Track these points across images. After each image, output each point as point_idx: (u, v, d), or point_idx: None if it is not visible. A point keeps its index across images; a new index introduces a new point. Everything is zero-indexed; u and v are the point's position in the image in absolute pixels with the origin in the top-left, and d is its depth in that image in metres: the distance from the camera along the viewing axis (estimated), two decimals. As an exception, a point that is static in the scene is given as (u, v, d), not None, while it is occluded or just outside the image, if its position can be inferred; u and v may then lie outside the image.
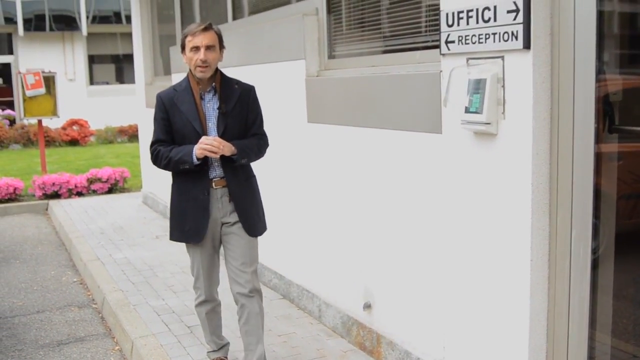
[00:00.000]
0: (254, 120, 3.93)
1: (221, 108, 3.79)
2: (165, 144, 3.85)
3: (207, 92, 3.83)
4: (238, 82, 3.95)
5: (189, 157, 3.70)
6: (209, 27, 3.78)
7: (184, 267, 6.48)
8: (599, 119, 2.82)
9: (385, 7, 4.32)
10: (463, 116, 3.12)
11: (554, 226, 2.95)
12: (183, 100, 3.80)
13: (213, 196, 3.83)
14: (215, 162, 3.81)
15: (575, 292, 2.93)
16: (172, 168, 3.83)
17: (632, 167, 3.09)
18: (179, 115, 3.79)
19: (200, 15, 7.82)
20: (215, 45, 3.78)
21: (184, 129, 3.79)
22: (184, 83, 3.88)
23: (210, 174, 3.82)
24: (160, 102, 3.86)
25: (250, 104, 3.91)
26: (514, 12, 2.86)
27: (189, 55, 3.76)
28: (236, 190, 3.86)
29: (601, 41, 2.79)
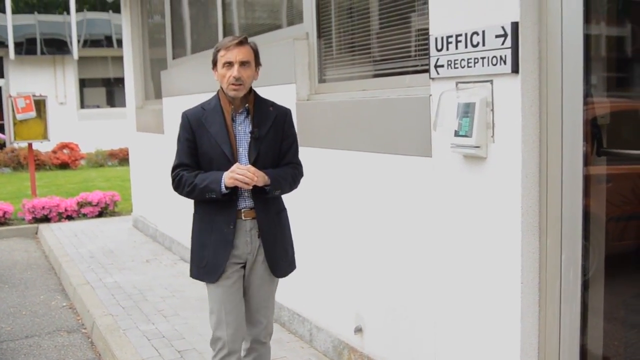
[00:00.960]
0: (289, 148, 3.57)
1: (254, 132, 3.42)
2: (189, 168, 3.48)
3: (240, 113, 3.46)
4: (273, 104, 3.59)
5: (217, 185, 3.33)
6: (245, 41, 3.42)
7: (174, 291, 6.45)
8: (587, 141, 2.84)
9: (375, 31, 4.36)
10: (453, 140, 3.14)
11: (544, 249, 2.96)
12: (212, 121, 3.43)
13: (240, 229, 3.45)
14: (245, 192, 3.43)
15: (566, 314, 2.93)
16: (196, 196, 3.46)
17: (620, 189, 3.11)
18: (207, 137, 3.43)
19: (191, 39, 7.86)
20: (251, 62, 3.42)
21: (212, 153, 3.42)
22: (213, 102, 3.50)
23: (239, 205, 3.45)
24: (187, 122, 3.49)
25: (286, 129, 3.54)
26: (502, 37, 2.89)
27: (221, 71, 3.40)
28: (265, 225, 3.48)
29: (588, 65, 2.82)
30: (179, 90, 7.60)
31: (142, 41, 9.86)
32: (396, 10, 4.09)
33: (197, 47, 7.61)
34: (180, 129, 3.53)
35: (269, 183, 3.39)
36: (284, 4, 5.70)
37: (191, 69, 7.31)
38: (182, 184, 3.50)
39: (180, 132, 3.53)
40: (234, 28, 6.56)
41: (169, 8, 8.37)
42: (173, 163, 3.55)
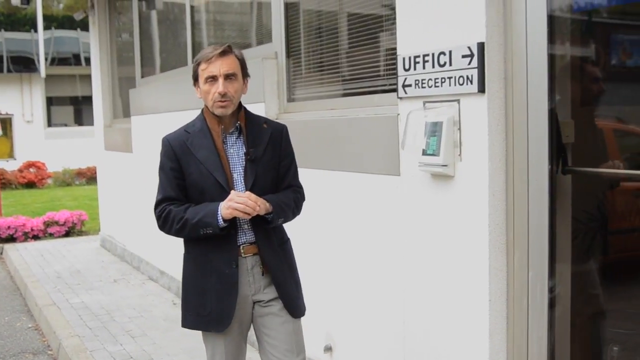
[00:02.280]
0: (288, 168, 3.17)
1: (249, 154, 3.02)
2: (176, 202, 3.01)
3: (231, 133, 3.05)
4: (267, 120, 3.23)
5: (213, 218, 2.89)
6: (229, 50, 2.99)
7: (142, 310, 6.39)
8: (552, 160, 2.89)
9: (344, 50, 4.39)
10: (420, 158, 3.17)
11: (511, 266, 2.99)
12: (199, 145, 3.00)
13: (242, 267, 3.02)
14: (245, 224, 3.02)
15: (534, 330, 2.96)
16: (188, 234, 2.99)
17: (586, 207, 3.16)
18: (195, 164, 2.99)
19: (161, 58, 7.85)
20: (237, 73, 3.00)
21: (203, 183, 2.98)
22: (198, 123, 3.09)
23: (239, 239, 3.02)
24: (169, 148, 3.05)
25: (283, 147, 3.15)
26: (469, 57, 2.93)
27: (204, 87, 2.99)
28: (271, 259, 3.05)
29: (553, 84, 2.87)
30: (148, 109, 7.56)
31: (110, 59, 9.82)
32: (365, 30, 4.13)
33: (167, 66, 7.59)
34: (161, 157, 3.08)
35: (270, 211, 2.97)
36: (253, 23, 5.72)
37: (160, 87, 7.29)
38: (169, 221, 2.99)
39: (162, 161, 3.08)
40: (203, 47, 6.56)
41: (137, 26, 8.35)
42: (156, 198, 3.07)
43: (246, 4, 6.00)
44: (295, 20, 4.85)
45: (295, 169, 3.23)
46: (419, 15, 3.24)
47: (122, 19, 9.55)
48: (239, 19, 6.21)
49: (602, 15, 2.97)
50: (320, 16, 4.71)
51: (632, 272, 3.21)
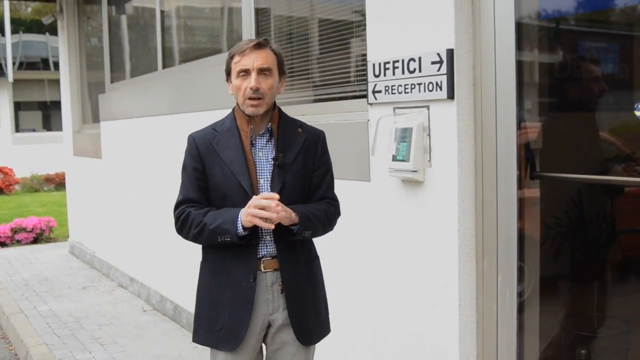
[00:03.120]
0: (322, 179, 2.88)
1: (278, 159, 2.76)
2: (196, 205, 2.79)
3: (260, 135, 2.80)
4: (303, 124, 2.92)
5: (232, 225, 2.65)
6: (264, 44, 2.77)
7: (112, 318, 6.32)
8: (521, 165, 2.92)
9: (315, 57, 4.39)
10: (390, 164, 3.18)
11: (480, 271, 3.01)
12: (226, 145, 2.77)
13: (261, 283, 2.77)
14: (267, 235, 2.77)
15: (503, 334, 2.98)
16: (205, 240, 2.77)
17: (554, 212, 3.19)
18: (220, 165, 2.76)
19: (131, 63, 7.79)
20: (273, 69, 2.76)
21: (226, 186, 2.75)
22: (227, 122, 2.86)
23: (260, 251, 2.77)
24: (194, 146, 2.82)
25: (318, 155, 2.86)
26: (438, 64, 2.95)
27: (235, 82, 2.77)
28: (291, 278, 2.78)
29: (521, 90, 2.90)
30: (117, 115, 7.51)
31: (79, 64, 9.72)
32: (335, 36, 4.14)
33: (137, 71, 7.54)
34: (185, 155, 2.87)
35: (296, 221, 2.69)
36: (224, 29, 5.71)
37: (130, 93, 7.24)
38: (188, 224, 2.78)
39: (185, 160, 2.86)
40: (173, 52, 6.53)
41: (107, 31, 8.28)
42: (177, 199, 2.86)
43: (217, 9, 5.98)
44: (266, 26, 4.85)
45: (331, 180, 2.93)
46: (388, 22, 3.25)
47: (91, 23, 9.47)
48: (210, 24, 6.19)
49: (570, 22, 3.01)
50: (291, 22, 4.72)
51: (600, 277, 3.25)
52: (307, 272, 2.87)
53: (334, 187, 2.95)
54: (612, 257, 3.26)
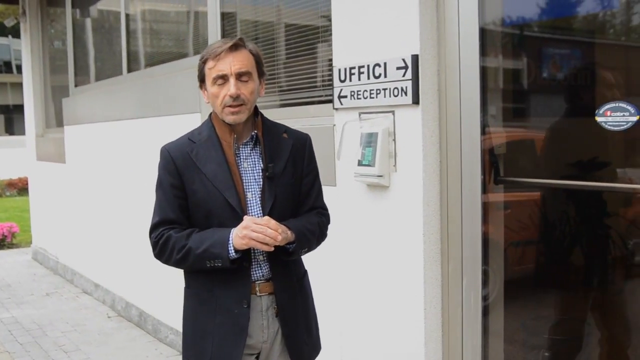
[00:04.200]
0: (311, 187, 2.64)
1: (267, 169, 2.49)
2: (176, 226, 2.48)
3: (244, 144, 2.53)
4: (287, 128, 2.66)
5: (223, 248, 2.37)
6: (240, 44, 2.47)
7: (76, 324, 6.25)
8: (485, 170, 2.94)
9: (281, 61, 4.39)
10: (356, 169, 3.19)
11: (445, 275, 3.03)
12: (206, 158, 2.47)
13: (255, 308, 2.50)
14: (260, 255, 2.50)
15: (468, 338, 3.00)
16: (191, 265, 2.46)
17: (518, 216, 3.22)
18: (200, 181, 2.46)
19: (95, 67, 7.72)
20: (252, 72, 2.48)
21: (210, 203, 2.45)
22: (205, 131, 2.55)
23: (253, 274, 2.50)
24: (169, 160, 2.50)
25: (307, 162, 2.63)
26: (403, 69, 2.97)
27: (212, 90, 2.46)
28: (285, 300, 2.55)
29: (485, 96, 2.93)
30: (82, 119, 7.43)
31: (42, 67, 9.61)
32: (302, 41, 4.14)
33: (101, 75, 7.47)
34: (159, 170, 2.55)
35: (292, 240, 2.46)
36: (190, 33, 5.68)
37: (95, 97, 7.17)
38: (168, 249, 2.46)
39: (160, 176, 2.54)
40: (139, 56, 6.48)
41: (71, 34, 8.20)
42: (152, 220, 2.53)
43: (182, 13, 5.95)
44: (232, 30, 4.84)
45: (320, 188, 2.71)
46: (354, 27, 3.27)
47: (55, 26, 9.36)
48: (176, 28, 6.16)
49: (534, 28, 3.04)
50: (257, 26, 4.71)
51: (563, 280, 3.29)
52: (299, 290, 2.65)
53: (322, 195, 2.73)
54: (576, 260, 3.31)
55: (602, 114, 2.43)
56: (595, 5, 2.71)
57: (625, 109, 2.37)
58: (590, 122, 2.49)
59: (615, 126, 2.40)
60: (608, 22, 2.78)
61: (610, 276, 3.21)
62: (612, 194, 2.97)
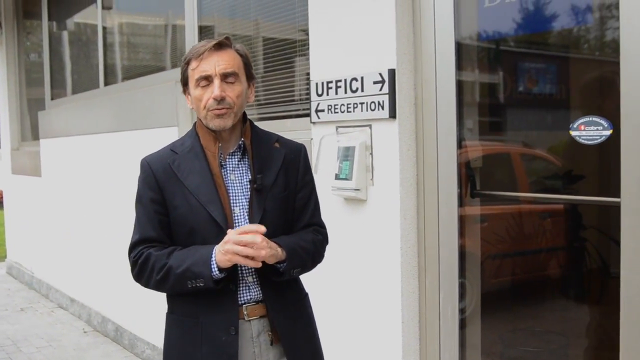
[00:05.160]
0: (307, 202, 2.39)
1: (256, 181, 2.25)
2: (157, 245, 2.26)
3: (231, 154, 2.29)
4: (279, 137, 2.42)
5: (205, 267, 2.13)
6: (226, 43, 2.27)
7: (51, 340, 6.17)
8: (461, 183, 2.96)
9: (259, 75, 4.39)
10: (333, 183, 3.19)
11: (423, 288, 3.04)
12: (189, 169, 2.26)
13: (244, 334, 2.24)
14: (249, 276, 2.25)
15: (446, 350, 3.01)
16: (171, 287, 2.23)
17: (495, 229, 3.24)
18: (182, 195, 2.24)
19: (72, 80, 7.67)
20: (239, 73, 2.25)
21: (192, 219, 2.23)
22: (188, 141, 2.33)
23: (241, 297, 2.25)
24: (149, 173, 2.29)
25: (301, 174, 2.38)
26: (380, 83, 2.98)
27: (195, 93, 2.24)
28: (283, 324, 2.28)
29: (461, 110, 2.95)
30: (58, 132, 7.37)
31: (18, 80, 9.53)
32: (279, 55, 4.15)
33: (78, 88, 7.43)
34: (139, 184, 2.34)
35: (283, 258, 2.20)
36: (168, 46, 5.67)
37: (71, 110, 7.12)
38: (147, 269, 2.24)
39: (139, 190, 2.33)
40: (116, 69, 6.46)
41: (47, 47, 8.15)
42: (131, 238, 2.32)
43: (160, 26, 5.94)
44: (210, 44, 4.83)
45: (316, 203, 2.45)
46: (331, 42, 3.28)
47: (31, 38, 9.30)
48: (153, 41, 6.15)
49: (509, 43, 3.07)
50: (235, 40, 4.71)
51: (539, 292, 3.31)
52: (298, 315, 2.37)
53: (320, 211, 2.47)
54: (552, 272, 3.33)
55: (576, 128, 2.46)
56: (570, 21, 2.74)
57: (599, 123, 2.40)
58: (566, 135, 2.51)
59: (589, 140, 2.43)
60: (582, 37, 2.82)
61: (585, 288, 3.24)
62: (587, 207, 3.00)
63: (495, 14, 2.90)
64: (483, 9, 2.92)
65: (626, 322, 2.36)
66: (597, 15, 2.66)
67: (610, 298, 2.72)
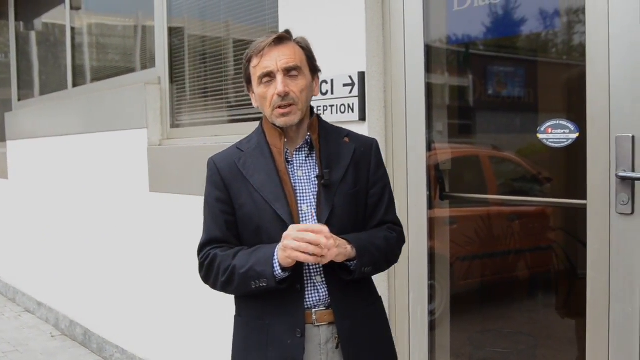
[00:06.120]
0: (380, 199, 2.25)
1: (323, 176, 2.14)
2: (224, 245, 2.19)
3: (298, 150, 2.20)
4: (349, 132, 2.31)
5: (267, 265, 2.04)
6: (286, 37, 2.20)
7: (18, 344, 6.09)
8: (431, 186, 2.98)
9: (230, 77, 4.38)
10: (304, 185, 3.19)
11: (392, 290, 3.05)
12: (255, 167, 2.19)
13: (312, 340, 2.12)
14: (316, 276, 2.13)
15: (415, 352, 3.02)
16: (237, 288, 2.14)
17: (464, 231, 3.26)
18: (248, 193, 2.16)
19: (40, 81, 7.59)
20: (302, 67, 2.17)
21: (258, 217, 2.15)
22: (254, 138, 2.26)
23: (307, 300, 2.13)
24: (215, 172, 2.25)
25: (373, 169, 2.25)
26: (350, 86, 2.99)
27: (258, 90, 2.16)
28: (347, 328, 2.13)
29: (430, 113, 2.97)
30: (25, 134, 7.28)
31: (-16, 81, 9.41)
32: (249, 56, 4.14)
33: (46, 89, 7.35)
34: (206, 184, 2.29)
35: (353, 256, 2.07)
36: (137, 47, 5.63)
37: (39, 111, 7.04)
38: (214, 271, 2.17)
39: (206, 190, 2.28)
40: (85, 70, 6.40)
41: (14, 47, 8.05)
42: (200, 240, 2.26)
43: (130, 27, 5.90)
44: (180, 45, 4.81)
45: (391, 200, 2.29)
46: (301, 44, 3.28)
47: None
48: (122, 42, 6.10)
49: (479, 47, 3.10)
50: (205, 42, 4.69)
51: (508, 293, 3.34)
52: (368, 321, 2.22)
53: (395, 209, 2.32)
54: (521, 274, 3.36)
55: (543, 131, 2.48)
56: (538, 25, 2.78)
57: (566, 126, 2.43)
58: (534, 138, 2.54)
59: (556, 143, 2.46)
60: (550, 41, 2.85)
61: (553, 289, 3.28)
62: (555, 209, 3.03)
63: (465, 17, 2.92)
64: (452, 13, 2.94)
65: (592, 321, 2.39)
66: (564, 19, 2.69)
67: (577, 298, 2.75)
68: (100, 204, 5.47)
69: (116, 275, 5.20)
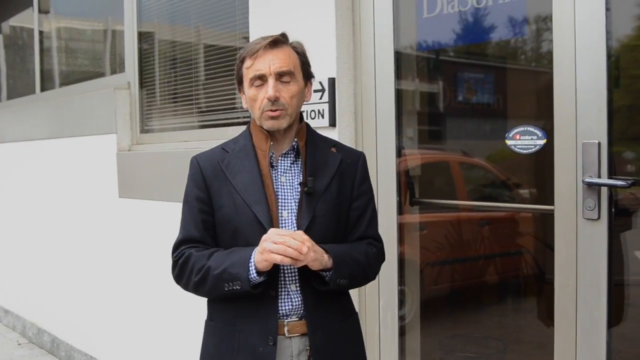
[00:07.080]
0: (362, 213, 2.22)
1: (306, 184, 2.11)
2: (200, 245, 2.15)
3: (284, 155, 2.16)
4: (337, 143, 2.28)
5: (243, 268, 2.00)
6: (282, 40, 2.16)
7: (-16, 353, 6.00)
8: (401, 192, 2.99)
9: (200, 82, 4.37)
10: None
11: (362, 295, 3.05)
12: (239, 168, 2.15)
13: (284, 351, 2.09)
14: (291, 284, 2.09)
15: (385, 356, 3.03)
16: (209, 290, 2.09)
17: (434, 236, 3.28)
18: (229, 194, 2.13)
19: (7, 85, 7.49)
20: (295, 72, 2.13)
21: (237, 218, 2.11)
22: (241, 140, 2.23)
23: (281, 308, 2.09)
24: (197, 171, 2.20)
25: (358, 182, 2.22)
26: (320, 92, 2.99)
27: (249, 92, 2.14)
28: (320, 341, 2.10)
29: (400, 119, 2.98)
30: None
31: (-49, 85, 9.27)
32: (220, 62, 4.13)
33: (13, 94, 7.26)
34: (187, 182, 2.24)
35: (329, 266, 2.04)
36: (107, 52, 5.59)
37: (6, 116, 6.95)
38: (187, 270, 2.12)
39: (187, 188, 2.23)
40: (53, 74, 6.33)
41: (-19, 51, 7.95)
42: (176, 238, 2.22)
43: (99, 31, 5.85)
44: (150, 50, 4.78)
45: (373, 215, 2.27)
46: (272, 50, 3.27)
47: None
48: (92, 47, 6.05)
49: (448, 53, 3.12)
50: (175, 47, 4.67)
51: (478, 298, 3.36)
52: (344, 334, 2.18)
53: (377, 224, 2.29)
54: (490, 279, 3.39)
55: (511, 137, 2.51)
56: (507, 32, 2.80)
57: (534, 132, 2.45)
58: (503, 144, 2.56)
59: (524, 149, 2.48)
60: (519, 48, 2.88)
61: (522, 293, 3.30)
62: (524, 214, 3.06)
63: (434, 24, 2.94)
64: (422, 20, 2.96)
65: (560, 325, 2.41)
66: (532, 27, 2.72)
67: (545, 303, 2.78)
68: (69, 209, 5.41)
69: (85, 281, 5.14)
